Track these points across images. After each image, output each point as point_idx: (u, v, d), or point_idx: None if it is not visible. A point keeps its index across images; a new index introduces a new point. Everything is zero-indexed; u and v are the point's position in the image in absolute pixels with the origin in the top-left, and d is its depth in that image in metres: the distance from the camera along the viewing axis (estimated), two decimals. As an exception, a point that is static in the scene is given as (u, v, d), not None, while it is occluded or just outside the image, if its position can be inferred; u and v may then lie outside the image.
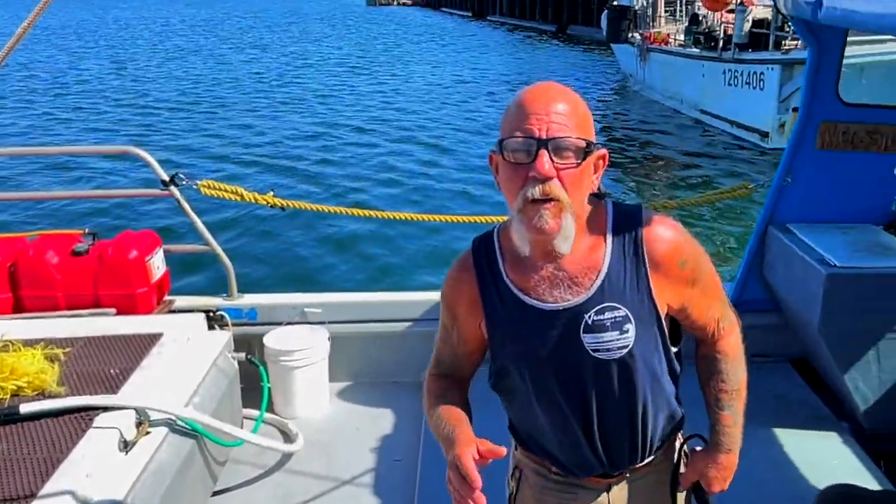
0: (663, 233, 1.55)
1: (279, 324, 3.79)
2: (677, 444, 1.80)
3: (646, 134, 16.92)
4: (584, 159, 1.42)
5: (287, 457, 3.41)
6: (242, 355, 3.53)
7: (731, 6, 16.51)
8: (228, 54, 34.99)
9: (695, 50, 18.08)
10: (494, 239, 1.61)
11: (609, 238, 1.53)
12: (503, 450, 1.44)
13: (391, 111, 19.61)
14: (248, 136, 16.22)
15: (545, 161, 1.38)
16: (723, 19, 17.89)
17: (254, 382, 3.63)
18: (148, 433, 2.62)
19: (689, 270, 1.57)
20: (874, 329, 3.28)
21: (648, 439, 1.67)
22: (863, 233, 3.57)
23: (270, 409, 3.67)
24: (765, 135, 14.89)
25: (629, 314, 1.51)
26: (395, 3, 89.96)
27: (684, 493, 1.80)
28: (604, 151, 1.50)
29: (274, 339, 3.65)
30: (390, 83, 24.97)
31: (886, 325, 3.27)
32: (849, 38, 3.41)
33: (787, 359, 3.94)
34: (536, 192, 1.39)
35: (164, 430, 2.68)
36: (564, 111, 1.41)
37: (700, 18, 19.54)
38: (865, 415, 3.38)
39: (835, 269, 3.23)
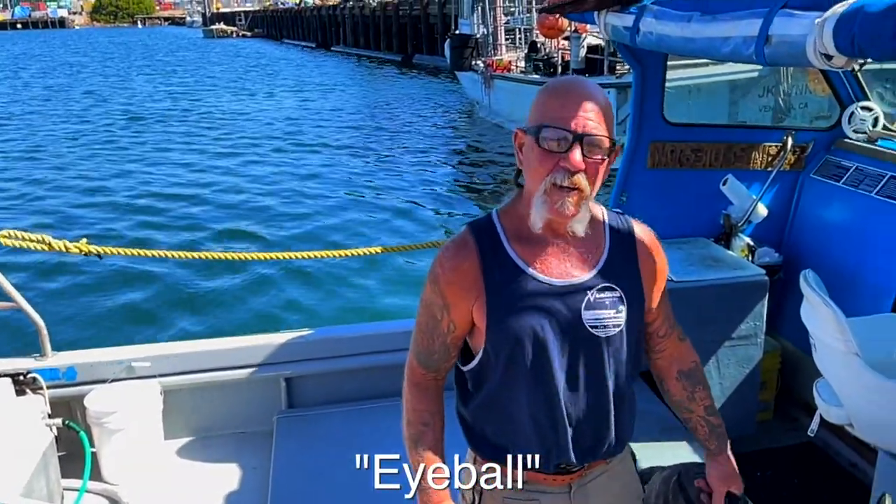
0: (648, 231, 1.76)
1: (104, 381, 3.44)
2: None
3: (498, 156, 17.29)
4: (609, 155, 1.56)
5: (118, 529, 3.09)
6: (60, 420, 3.20)
7: (567, 33, 17.27)
8: (56, 87, 32.93)
9: (535, 76, 18.73)
10: (494, 219, 1.67)
11: (607, 228, 1.70)
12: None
13: (234, 146, 19.09)
14: (71, 180, 15.28)
15: (578, 154, 1.51)
16: (559, 46, 18.72)
17: (79, 449, 3.28)
18: (-65, 525, 2.30)
19: (662, 267, 1.76)
20: (712, 339, 3.38)
21: (612, 427, 1.71)
22: (696, 247, 3.69)
23: (97, 477, 3.32)
24: (606, 155, 15.55)
25: (623, 296, 1.64)
26: (234, 34, 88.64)
27: None
28: (619, 146, 1.63)
29: (96, 398, 3.30)
30: (224, 118, 24.31)
31: (723, 335, 3.37)
32: (679, 63, 3.54)
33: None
34: (565, 180, 1.52)
35: (-44, 518, 2.36)
36: (598, 109, 1.54)
37: (539, 46, 20.36)
38: (710, 423, 3.46)
39: (672, 283, 3.30)
